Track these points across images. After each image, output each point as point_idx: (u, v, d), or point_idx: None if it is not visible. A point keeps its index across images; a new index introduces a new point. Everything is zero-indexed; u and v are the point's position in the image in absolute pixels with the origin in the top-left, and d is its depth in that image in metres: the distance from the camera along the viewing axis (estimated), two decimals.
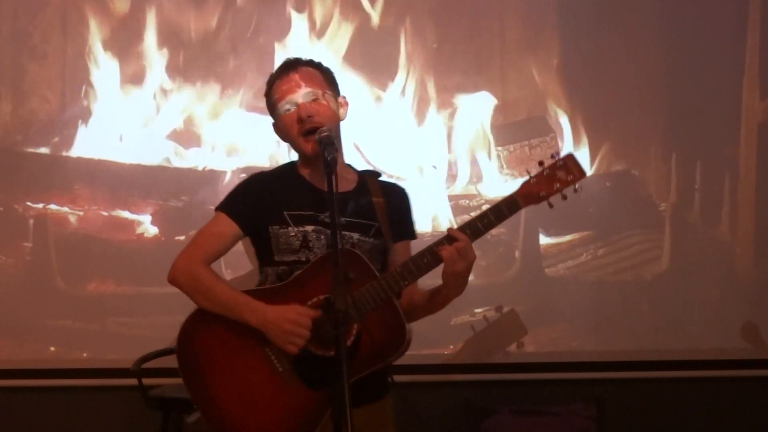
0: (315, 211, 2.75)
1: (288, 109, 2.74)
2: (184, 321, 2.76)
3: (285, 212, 2.75)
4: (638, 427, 4.20)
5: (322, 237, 2.73)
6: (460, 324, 4.15)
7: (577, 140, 4.24)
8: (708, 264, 4.29)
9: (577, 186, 2.57)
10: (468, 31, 4.22)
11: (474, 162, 4.20)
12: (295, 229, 2.74)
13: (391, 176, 4.11)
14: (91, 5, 4.15)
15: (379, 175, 2.90)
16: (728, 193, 4.28)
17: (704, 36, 4.27)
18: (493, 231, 4.08)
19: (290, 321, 2.61)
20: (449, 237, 2.60)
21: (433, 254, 2.60)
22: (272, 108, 2.80)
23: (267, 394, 2.67)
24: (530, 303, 4.21)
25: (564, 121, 4.23)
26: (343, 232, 2.73)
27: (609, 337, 4.25)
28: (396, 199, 2.85)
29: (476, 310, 4.16)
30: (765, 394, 4.26)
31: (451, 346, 4.15)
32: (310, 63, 2.82)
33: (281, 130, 2.79)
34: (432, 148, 4.19)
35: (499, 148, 4.22)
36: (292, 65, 2.80)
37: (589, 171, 4.18)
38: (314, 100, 2.74)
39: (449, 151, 4.21)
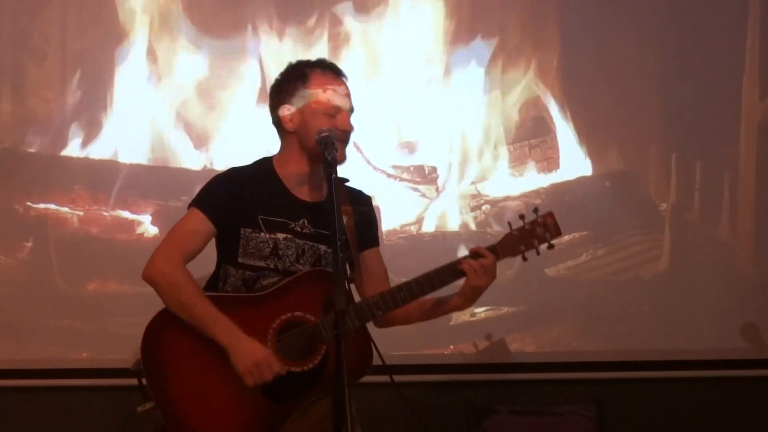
0: (288, 219, 2.75)
1: (330, 110, 2.73)
2: (151, 319, 2.74)
3: (259, 216, 2.74)
4: (638, 427, 4.21)
5: (292, 246, 2.74)
6: (460, 324, 4.15)
7: (576, 140, 4.24)
8: (708, 264, 4.29)
9: (553, 242, 2.77)
10: (467, 31, 4.22)
11: (474, 162, 4.20)
12: (267, 235, 2.74)
13: (392, 176, 4.13)
14: (91, 6, 4.15)
15: (346, 181, 2.86)
16: (728, 193, 4.28)
17: (704, 36, 4.27)
18: (493, 231, 4.16)
19: (261, 355, 2.61)
20: (475, 254, 2.71)
21: (451, 270, 2.71)
22: (300, 92, 2.75)
23: (226, 401, 2.67)
24: (530, 303, 4.21)
25: (564, 121, 4.23)
26: (309, 243, 2.76)
27: (609, 337, 4.25)
28: (362, 208, 2.87)
29: (476, 311, 4.16)
30: (765, 394, 4.26)
31: (451, 346, 4.15)
32: (346, 79, 2.84)
33: (308, 119, 2.74)
34: (432, 148, 4.19)
35: (499, 148, 4.21)
36: (341, 73, 2.81)
37: (588, 171, 4.25)
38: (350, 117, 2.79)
39: (449, 151, 4.20)
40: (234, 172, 2.86)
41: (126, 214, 4.14)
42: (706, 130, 4.27)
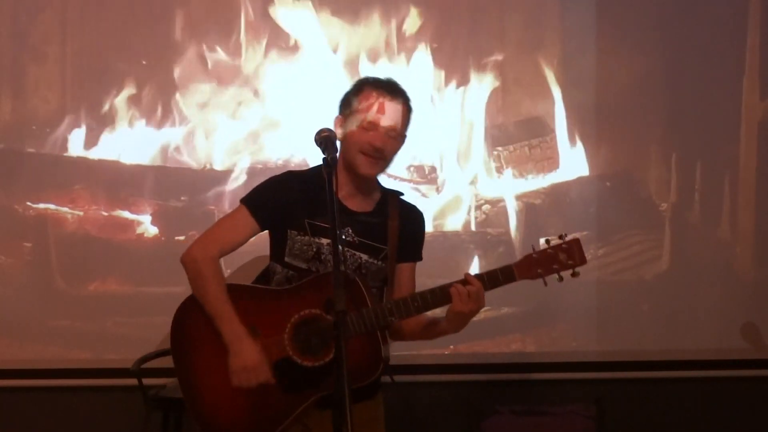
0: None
1: (366, 123, 2.78)
2: (184, 299, 2.88)
3: (306, 220, 2.81)
4: (638, 427, 4.21)
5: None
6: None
7: (577, 140, 4.23)
8: (708, 264, 4.29)
9: (576, 270, 2.69)
10: (468, 31, 4.22)
11: (474, 162, 4.19)
12: (312, 239, 2.81)
13: (392, 176, 4.13)
14: (91, 5, 4.15)
15: (401, 194, 2.96)
16: (728, 193, 4.28)
17: (704, 36, 4.26)
18: (493, 231, 4.16)
19: (254, 371, 2.72)
20: (464, 280, 2.69)
21: (443, 292, 2.70)
22: (349, 104, 2.83)
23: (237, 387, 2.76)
24: (530, 303, 4.21)
25: (564, 121, 4.23)
26: (352, 252, 2.82)
27: (609, 337, 4.25)
28: (411, 224, 2.93)
29: None
30: (765, 394, 4.26)
31: (451, 346, 4.15)
32: (406, 99, 2.88)
33: (346, 131, 2.81)
34: (432, 148, 4.19)
35: (499, 148, 4.21)
36: (399, 93, 2.86)
37: (588, 171, 4.25)
38: (391, 137, 2.81)
39: (449, 151, 4.20)
40: (288, 175, 2.95)
41: (126, 214, 4.14)
42: (706, 130, 4.27)
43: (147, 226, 4.15)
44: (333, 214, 2.48)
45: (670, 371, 4.22)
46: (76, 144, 4.13)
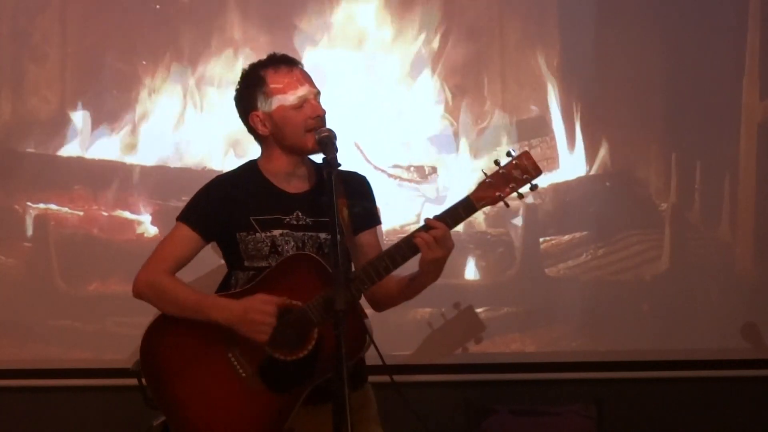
0: (281, 214, 2.75)
1: (296, 103, 2.73)
2: (147, 327, 2.77)
3: (251, 218, 2.75)
4: (638, 427, 4.21)
5: (290, 240, 2.74)
6: (460, 324, 4.15)
7: (577, 140, 4.23)
8: (708, 264, 4.29)
9: (533, 183, 2.58)
10: (467, 31, 4.22)
11: (474, 162, 4.19)
12: (263, 234, 2.74)
13: (392, 176, 4.13)
14: (91, 6, 4.15)
15: (337, 165, 2.77)
16: (728, 193, 4.28)
17: (704, 36, 4.26)
18: (493, 231, 4.17)
19: (255, 310, 2.60)
20: (426, 226, 2.60)
21: (408, 245, 2.60)
22: (262, 97, 2.77)
23: (230, 399, 2.68)
24: (530, 303, 4.21)
25: (564, 121, 4.23)
26: (309, 233, 2.75)
27: (609, 337, 4.25)
28: (356, 190, 2.82)
29: (476, 310, 4.16)
30: (765, 394, 4.26)
31: (451, 346, 4.15)
32: (301, 65, 2.82)
33: (278, 120, 2.75)
34: (431, 148, 4.19)
35: (499, 148, 4.21)
36: (293, 62, 2.81)
37: (589, 171, 4.25)
38: (319, 100, 2.76)
39: (449, 151, 4.20)
40: (216, 181, 2.90)
41: (126, 214, 4.15)
42: (706, 130, 4.27)
43: (147, 226, 4.15)
44: (334, 214, 2.47)
45: (670, 371, 4.22)
46: (75, 144, 4.13)
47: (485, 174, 2.62)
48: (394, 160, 4.18)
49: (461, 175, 4.19)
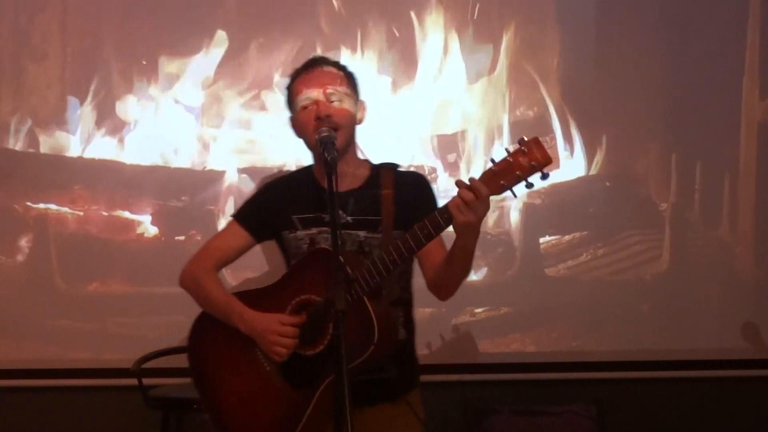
0: (321, 212, 2.75)
1: (306, 105, 2.74)
2: (194, 320, 2.86)
3: (294, 216, 2.79)
4: (638, 427, 4.20)
5: (327, 238, 2.73)
6: (460, 324, 4.15)
7: (576, 140, 4.23)
8: (708, 264, 4.29)
9: (544, 172, 2.36)
10: (467, 31, 4.22)
11: (474, 162, 4.19)
12: (303, 232, 2.78)
13: None
14: (91, 6, 4.15)
15: (396, 166, 2.85)
16: (728, 193, 4.28)
17: (704, 36, 4.26)
18: (493, 231, 4.16)
19: (274, 332, 2.67)
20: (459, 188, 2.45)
21: (433, 219, 2.47)
22: (291, 102, 2.80)
23: (256, 392, 2.74)
24: (530, 303, 4.21)
25: (563, 121, 4.23)
26: (348, 231, 2.74)
27: (609, 337, 4.25)
28: (408, 189, 2.77)
29: (476, 310, 4.16)
30: (765, 394, 4.26)
31: (451, 347, 4.15)
32: (335, 64, 2.83)
33: (298, 124, 2.78)
34: (431, 148, 4.19)
35: (499, 149, 4.21)
36: (317, 62, 2.82)
37: (588, 171, 4.25)
38: (334, 101, 2.74)
39: (449, 151, 4.20)
40: (270, 182, 2.98)
41: (126, 214, 4.15)
42: (706, 130, 4.27)
43: (147, 226, 4.15)
44: (334, 215, 2.46)
45: (670, 371, 4.22)
46: (76, 144, 4.13)
47: (492, 161, 2.43)
48: (393, 160, 4.16)
49: (460, 175, 4.19)
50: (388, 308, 2.67)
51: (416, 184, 2.83)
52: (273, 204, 2.84)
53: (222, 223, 4.09)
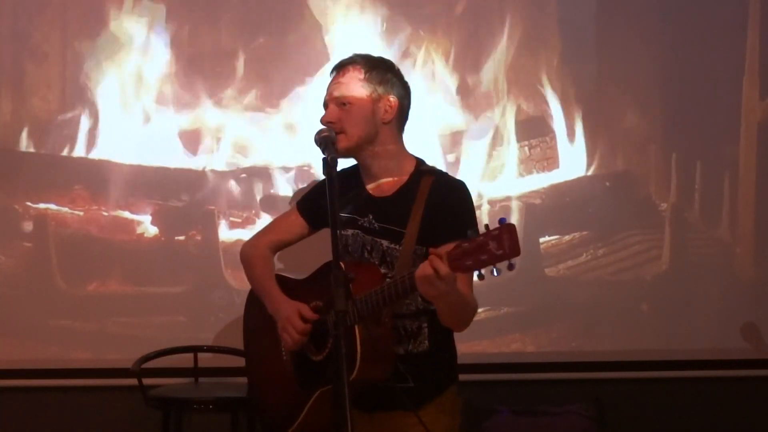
0: (357, 215, 2.77)
1: (324, 107, 2.80)
2: (248, 293, 3.04)
3: (341, 213, 2.78)
4: (638, 427, 4.20)
5: (359, 241, 2.75)
6: None
7: (576, 140, 4.23)
8: (708, 264, 4.29)
9: (512, 262, 2.23)
10: (467, 31, 4.22)
11: (473, 162, 4.19)
12: (345, 231, 2.78)
13: None
14: (91, 5, 4.15)
15: (440, 172, 2.81)
16: (728, 193, 4.28)
17: (704, 36, 4.26)
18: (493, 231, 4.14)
19: (290, 320, 2.73)
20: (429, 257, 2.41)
21: (402, 281, 2.48)
22: None
23: (276, 377, 2.84)
24: (530, 303, 4.21)
25: (563, 120, 4.23)
26: (374, 239, 2.73)
27: (609, 337, 4.25)
28: (439, 201, 2.69)
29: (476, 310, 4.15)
30: (765, 394, 4.26)
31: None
32: (362, 63, 2.79)
33: None
34: (431, 148, 4.19)
35: (499, 149, 4.22)
36: (343, 64, 2.82)
37: (588, 171, 4.25)
38: (343, 105, 2.74)
39: (449, 151, 4.20)
40: (338, 171, 2.94)
41: (126, 214, 4.14)
42: (706, 130, 4.27)
43: (147, 226, 4.15)
44: (334, 214, 2.45)
45: (670, 371, 4.22)
46: (76, 144, 4.13)
47: (468, 234, 2.32)
48: None
49: (460, 176, 4.18)
50: (383, 330, 2.62)
51: (449, 196, 2.72)
52: (325, 197, 2.78)
53: (222, 223, 4.10)
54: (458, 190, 2.76)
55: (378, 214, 2.74)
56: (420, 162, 2.85)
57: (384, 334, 2.64)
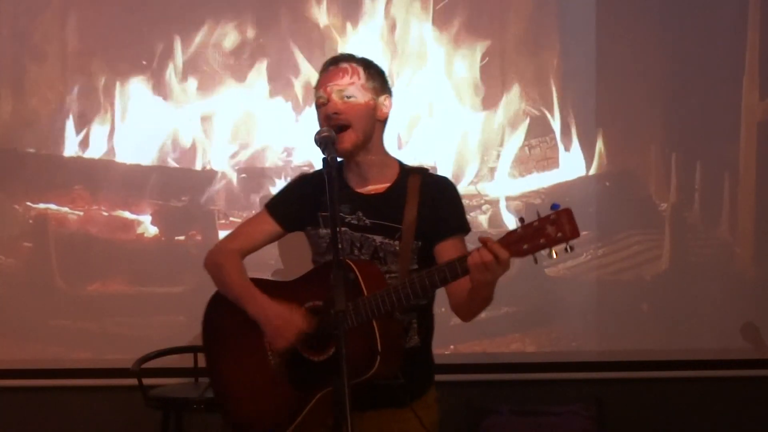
0: (344, 213, 2.75)
1: (319, 103, 2.75)
2: (211, 296, 2.88)
3: (319, 213, 2.78)
4: (638, 427, 4.21)
5: (347, 238, 2.74)
6: (460, 324, 4.13)
7: (576, 140, 4.23)
8: (708, 264, 4.29)
9: (570, 245, 2.35)
10: (467, 31, 4.22)
11: (473, 162, 4.19)
12: (325, 230, 2.77)
13: None
14: (91, 5, 4.16)
15: (426, 171, 2.83)
16: (728, 193, 4.28)
17: (704, 36, 4.27)
18: (493, 231, 4.16)
19: (285, 318, 2.66)
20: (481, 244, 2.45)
21: (451, 268, 2.49)
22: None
23: (257, 382, 2.74)
24: (530, 303, 4.21)
25: (564, 121, 4.23)
26: (366, 235, 2.73)
27: (609, 337, 4.25)
28: (433, 196, 2.74)
29: None
30: (765, 394, 4.26)
31: (452, 346, 4.15)
32: (358, 60, 2.79)
33: (318, 122, 2.77)
34: (431, 148, 4.19)
35: (499, 149, 4.22)
36: (338, 59, 2.79)
37: (589, 171, 4.25)
38: (347, 98, 2.71)
39: (449, 151, 4.20)
40: (300, 175, 2.97)
41: (126, 214, 4.15)
42: (706, 130, 4.27)
43: (147, 226, 4.15)
44: (334, 214, 2.45)
45: (670, 371, 4.22)
46: (76, 144, 4.13)
47: (521, 222, 2.42)
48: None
49: (460, 176, 4.19)
50: (396, 325, 2.65)
51: (442, 191, 2.79)
52: (302, 197, 2.82)
53: (222, 223, 4.10)
54: (449, 187, 2.84)
55: (368, 211, 2.74)
56: (400, 161, 2.86)
57: (397, 330, 2.68)
